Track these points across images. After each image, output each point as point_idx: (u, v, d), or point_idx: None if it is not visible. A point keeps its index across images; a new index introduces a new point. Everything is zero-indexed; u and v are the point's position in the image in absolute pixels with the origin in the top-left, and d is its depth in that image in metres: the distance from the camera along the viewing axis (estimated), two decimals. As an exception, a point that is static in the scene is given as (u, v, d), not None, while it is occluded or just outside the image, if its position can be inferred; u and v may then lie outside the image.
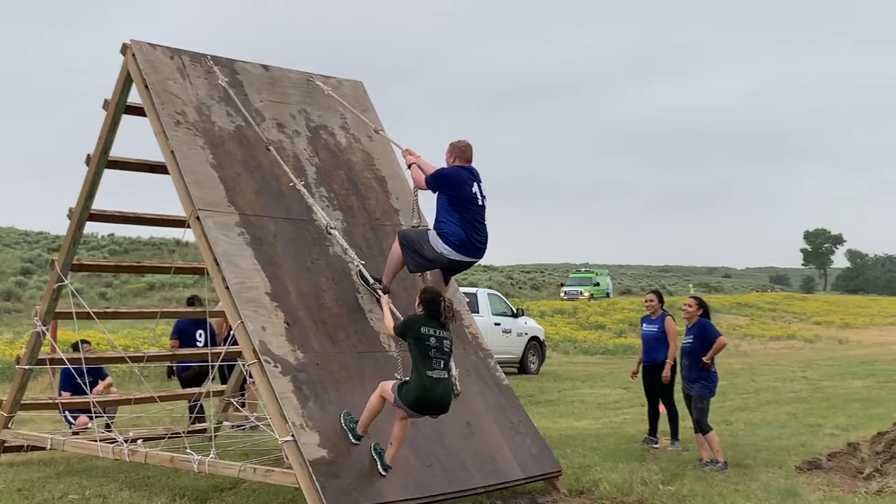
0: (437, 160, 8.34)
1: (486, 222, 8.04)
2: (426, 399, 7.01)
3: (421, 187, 8.35)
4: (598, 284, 61.45)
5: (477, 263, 8.76)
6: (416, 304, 7.41)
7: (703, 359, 9.88)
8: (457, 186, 7.91)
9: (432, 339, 7.13)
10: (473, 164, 8.18)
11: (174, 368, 12.99)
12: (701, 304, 10.50)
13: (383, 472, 7.16)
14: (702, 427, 9.84)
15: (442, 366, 7.11)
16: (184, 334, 12.29)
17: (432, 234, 7.94)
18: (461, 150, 8.13)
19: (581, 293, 57.79)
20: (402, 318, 7.44)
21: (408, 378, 7.13)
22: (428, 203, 8.44)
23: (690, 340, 10.05)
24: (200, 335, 12.20)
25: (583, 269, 73.08)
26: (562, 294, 59.22)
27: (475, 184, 8.00)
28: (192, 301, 13.21)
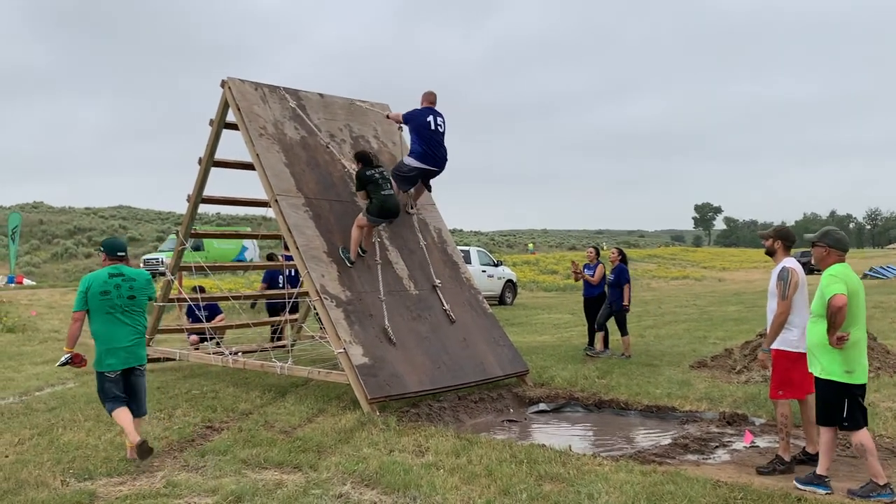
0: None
1: (443, 142, 8.21)
2: (384, 208, 7.62)
3: (399, 122, 8.58)
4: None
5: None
6: (356, 163, 7.83)
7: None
8: (415, 118, 8.17)
9: (376, 175, 7.65)
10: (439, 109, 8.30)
11: (265, 305, 12.87)
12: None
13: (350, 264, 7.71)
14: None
15: (389, 187, 7.69)
16: (271, 280, 12.16)
17: (404, 157, 8.32)
18: (426, 96, 8.37)
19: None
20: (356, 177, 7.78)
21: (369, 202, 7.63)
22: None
23: (613, 278, 10.73)
24: (280, 280, 12.00)
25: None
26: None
27: (433, 116, 8.16)
28: (270, 256, 13.16)
